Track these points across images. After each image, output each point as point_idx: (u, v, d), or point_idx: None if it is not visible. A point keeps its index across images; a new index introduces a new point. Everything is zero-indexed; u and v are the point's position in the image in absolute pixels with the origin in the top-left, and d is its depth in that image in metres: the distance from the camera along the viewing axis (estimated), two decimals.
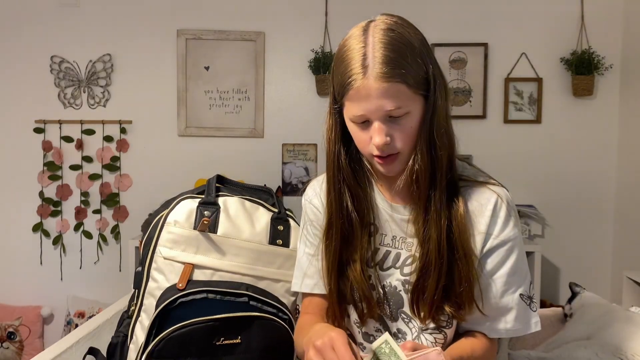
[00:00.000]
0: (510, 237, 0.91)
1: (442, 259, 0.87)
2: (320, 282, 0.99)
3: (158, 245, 1.02)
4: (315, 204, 1.02)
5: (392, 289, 0.96)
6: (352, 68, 0.83)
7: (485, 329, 0.93)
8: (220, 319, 0.95)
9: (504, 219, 0.91)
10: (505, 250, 0.91)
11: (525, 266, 0.94)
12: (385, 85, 0.81)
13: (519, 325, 0.92)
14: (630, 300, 2.34)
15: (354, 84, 0.82)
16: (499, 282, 0.91)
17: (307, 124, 2.86)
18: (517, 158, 2.82)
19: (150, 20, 2.84)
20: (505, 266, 0.91)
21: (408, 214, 0.94)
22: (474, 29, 2.80)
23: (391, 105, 0.82)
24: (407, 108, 0.83)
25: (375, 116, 0.84)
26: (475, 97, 2.81)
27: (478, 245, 0.90)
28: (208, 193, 1.07)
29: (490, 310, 0.91)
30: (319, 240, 0.99)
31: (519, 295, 0.91)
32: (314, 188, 1.04)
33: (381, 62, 0.81)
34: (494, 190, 0.92)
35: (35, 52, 2.83)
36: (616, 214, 2.78)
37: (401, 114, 0.83)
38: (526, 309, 0.92)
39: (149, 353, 0.94)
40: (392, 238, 0.96)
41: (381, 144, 0.84)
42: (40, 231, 2.87)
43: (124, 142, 2.85)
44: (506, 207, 0.91)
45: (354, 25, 0.88)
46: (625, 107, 2.73)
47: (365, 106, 0.83)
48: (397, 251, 0.96)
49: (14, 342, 2.76)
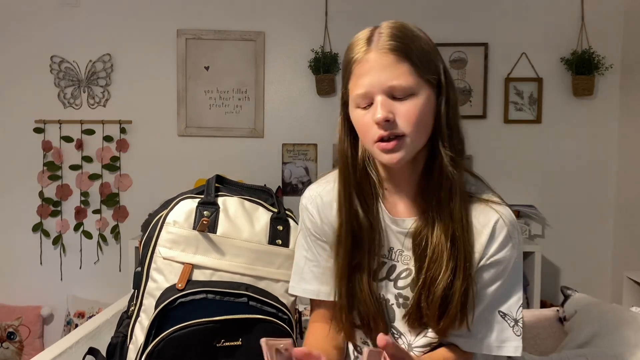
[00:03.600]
0: (505, 258, 0.89)
1: (444, 270, 0.85)
2: (323, 288, 0.98)
3: (157, 245, 1.02)
4: (310, 211, 0.99)
5: (385, 302, 0.95)
6: (356, 48, 0.84)
7: (461, 343, 0.91)
8: (221, 320, 0.95)
9: (502, 240, 0.88)
10: (497, 270, 0.89)
11: (517, 288, 0.91)
12: (390, 57, 0.80)
13: (494, 343, 0.90)
14: (630, 300, 2.34)
15: (358, 58, 0.83)
16: (482, 299, 0.89)
17: (307, 124, 2.86)
18: (517, 158, 2.82)
19: (150, 20, 2.83)
20: (493, 285, 0.89)
21: (408, 228, 0.92)
22: (474, 29, 2.80)
23: (394, 79, 0.80)
24: (411, 89, 0.81)
25: (378, 90, 0.81)
26: (475, 97, 2.81)
27: (474, 263, 0.88)
28: (207, 193, 1.07)
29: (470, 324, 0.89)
30: (317, 246, 0.99)
31: (500, 314, 0.90)
32: (310, 193, 1.01)
33: (387, 36, 0.82)
34: (496, 211, 0.89)
35: (35, 52, 2.83)
36: (616, 214, 2.78)
37: (405, 93, 0.81)
38: (507, 329, 0.90)
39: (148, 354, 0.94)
40: (389, 250, 0.95)
41: (382, 118, 0.80)
42: (40, 231, 2.87)
43: (124, 142, 2.85)
44: (507, 229, 0.88)
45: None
46: (625, 107, 2.73)
47: (368, 80, 0.82)
48: (393, 263, 0.94)
49: (13, 342, 2.76)
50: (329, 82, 2.76)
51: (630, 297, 2.35)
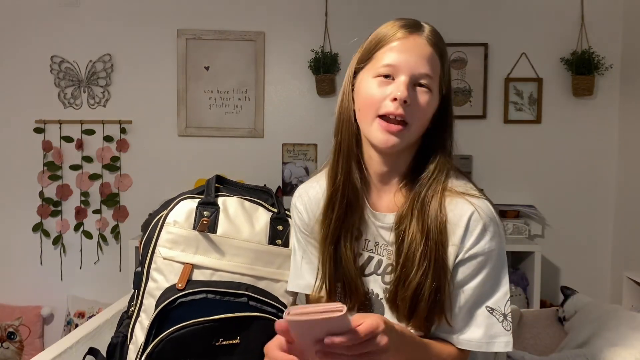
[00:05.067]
0: (484, 250, 0.87)
1: (416, 268, 0.86)
2: (311, 282, 0.99)
3: (157, 245, 1.02)
4: (299, 208, 1.03)
5: (375, 296, 0.96)
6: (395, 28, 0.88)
7: (450, 339, 0.91)
8: (219, 319, 0.95)
9: (478, 232, 0.87)
10: (477, 263, 0.88)
11: (502, 282, 0.90)
12: (431, 49, 0.86)
13: (483, 340, 0.88)
14: (630, 300, 2.34)
15: (399, 36, 0.86)
16: (466, 294, 0.88)
17: (307, 124, 2.86)
18: (517, 158, 2.82)
19: (150, 20, 2.84)
20: (475, 279, 0.88)
21: (389, 222, 0.93)
22: (474, 29, 2.80)
23: (427, 69, 0.85)
24: (432, 85, 0.87)
25: (407, 70, 0.85)
26: (475, 97, 2.81)
27: (451, 257, 0.88)
28: (207, 193, 1.07)
29: (456, 322, 0.89)
30: (307, 244, 1.01)
31: (487, 309, 0.88)
32: (299, 191, 1.05)
33: (433, 32, 0.88)
34: (471, 203, 0.88)
35: (35, 52, 2.83)
36: (616, 214, 2.78)
37: (428, 86, 0.86)
38: (495, 324, 0.88)
39: (148, 354, 0.94)
40: (375, 244, 0.96)
41: (403, 97, 0.83)
42: (40, 231, 2.87)
43: (124, 142, 2.85)
44: (483, 221, 0.87)
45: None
46: (625, 107, 2.73)
47: (403, 57, 0.85)
48: (379, 257, 0.95)
49: (14, 342, 2.76)
50: (329, 82, 2.76)
51: (630, 297, 2.35)
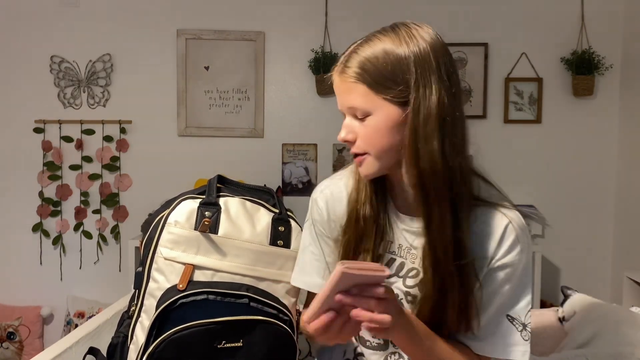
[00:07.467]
0: (513, 262, 0.88)
1: (446, 277, 0.85)
2: (323, 282, 0.98)
3: (159, 245, 1.02)
4: (319, 204, 1.02)
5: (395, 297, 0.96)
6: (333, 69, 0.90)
7: (468, 343, 0.91)
8: (222, 322, 0.95)
9: (510, 244, 0.88)
10: (505, 273, 0.88)
11: (526, 292, 0.91)
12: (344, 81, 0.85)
13: (500, 347, 0.89)
14: (630, 300, 2.34)
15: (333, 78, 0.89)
16: (490, 302, 0.89)
17: (307, 124, 2.86)
18: (517, 158, 2.82)
19: (150, 20, 2.83)
20: (501, 289, 0.89)
21: (414, 227, 0.92)
22: (474, 29, 2.80)
23: (350, 102, 0.85)
24: (367, 109, 0.84)
25: (343, 110, 0.88)
26: (476, 97, 2.81)
27: (481, 267, 0.88)
28: (209, 193, 1.07)
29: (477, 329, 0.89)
30: (322, 241, 1.00)
31: (508, 318, 0.89)
32: (321, 187, 1.03)
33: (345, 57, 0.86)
34: (505, 215, 0.90)
35: (35, 52, 2.83)
36: (616, 214, 2.78)
37: (362, 114, 0.85)
38: (514, 333, 0.89)
39: (149, 354, 0.93)
40: (399, 247, 0.96)
41: (340, 139, 0.88)
42: (40, 231, 2.87)
43: (124, 142, 2.85)
44: (515, 233, 0.89)
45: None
46: (625, 107, 2.73)
47: (338, 100, 0.89)
48: (402, 260, 0.95)
49: (13, 342, 2.76)
50: None
51: (630, 297, 2.35)
